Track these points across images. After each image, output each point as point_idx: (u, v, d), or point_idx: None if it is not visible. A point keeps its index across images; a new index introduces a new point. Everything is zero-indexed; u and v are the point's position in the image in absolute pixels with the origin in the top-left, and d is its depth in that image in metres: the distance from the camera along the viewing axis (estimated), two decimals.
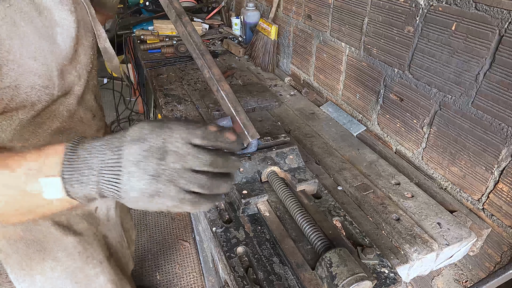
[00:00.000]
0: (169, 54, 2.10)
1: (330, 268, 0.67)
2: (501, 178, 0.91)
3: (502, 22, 0.81)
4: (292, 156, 1.00)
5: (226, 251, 0.81)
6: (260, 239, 0.84)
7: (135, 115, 3.47)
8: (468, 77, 0.92)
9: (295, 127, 1.39)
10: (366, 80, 1.33)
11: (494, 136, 0.90)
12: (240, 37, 2.26)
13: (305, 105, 1.58)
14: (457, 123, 0.99)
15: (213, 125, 0.52)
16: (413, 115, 1.14)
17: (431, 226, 0.93)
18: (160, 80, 1.77)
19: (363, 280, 0.65)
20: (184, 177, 0.49)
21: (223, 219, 0.91)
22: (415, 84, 1.10)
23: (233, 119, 0.87)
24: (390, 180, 1.09)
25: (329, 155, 1.21)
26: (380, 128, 1.32)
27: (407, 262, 0.85)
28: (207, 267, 1.77)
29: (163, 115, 1.51)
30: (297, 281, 0.74)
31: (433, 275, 1.19)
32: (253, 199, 0.89)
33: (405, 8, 1.07)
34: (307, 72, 1.76)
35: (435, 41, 0.99)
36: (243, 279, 0.74)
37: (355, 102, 1.43)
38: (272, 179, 0.94)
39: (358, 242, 0.83)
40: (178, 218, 2.38)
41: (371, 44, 1.25)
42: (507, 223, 0.92)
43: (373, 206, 0.98)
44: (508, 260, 0.95)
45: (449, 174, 1.07)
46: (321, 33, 1.55)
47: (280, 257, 0.79)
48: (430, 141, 1.10)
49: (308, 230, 0.77)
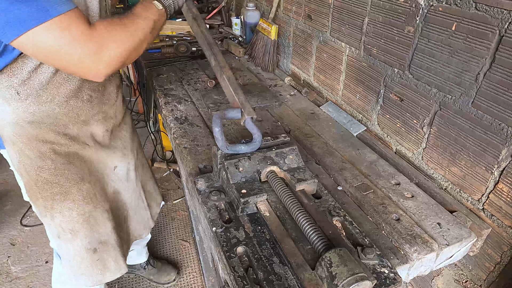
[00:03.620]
0: (169, 54, 2.10)
1: (330, 268, 0.67)
2: (501, 178, 0.91)
3: (502, 22, 0.81)
4: (292, 156, 1.00)
5: (226, 251, 0.81)
6: (260, 239, 0.84)
7: (135, 115, 3.47)
8: (468, 77, 0.92)
9: (295, 127, 1.39)
10: (366, 80, 1.33)
11: (494, 136, 0.90)
12: (240, 37, 2.26)
13: (305, 105, 1.58)
14: (457, 123, 0.99)
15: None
16: (413, 115, 1.14)
17: (431, 226, 0.93)
18: (160, 80, 1.77)
19: (363, 280, 0.65)
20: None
21: (223, 219, 0.91)
22: (415, 84, 1.10)
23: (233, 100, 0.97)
24: (390, 180, 1.09)
25: (329, 155, 1.21)
26: (380, 128, 1.32)
27: (407, 262, 0.85)
28: (207, 267, 1.77)
29: (163, 115, 1.51)
30: (297, 281, 0.74)
31: (433, 275, 1.19)
32: (252, 198, 0.89)
33: (405, 8, 1.07)
34: (307, 72, 1.76)
35: (435, 41, 0.99)
36: (243, 279, 0.74)
37: (355, 102, 1.43)
38: (271, 178, 0.94)
39: (358, 242, 0.82)
40: (178, 218, 2.38)
41: (371, 44, 1.25)
42: (507, 223, 0.92)
43: (373, 206, 0.98)
44: (508, 260, 0.95)
45: (449, 174, 1.07)
46: (321, 33, 1.55)
47: (280, 257, 0.79)
48: (430, 141, 1.10)
49: (308, 230, 0.77)
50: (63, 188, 1.11)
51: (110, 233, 1.26)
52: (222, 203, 0.96)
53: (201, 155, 1.21)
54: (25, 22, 0.73)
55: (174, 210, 2.45)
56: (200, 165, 1.15)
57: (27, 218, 2.36)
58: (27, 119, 0.99)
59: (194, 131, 1.35)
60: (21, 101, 0.96)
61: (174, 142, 1.34)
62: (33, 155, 1.04)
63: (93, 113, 1.11)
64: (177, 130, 1.35)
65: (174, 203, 2.51)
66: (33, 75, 0.93)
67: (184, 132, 1.34)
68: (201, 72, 1.88)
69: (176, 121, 1.41)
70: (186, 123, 1.40)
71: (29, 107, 0.98)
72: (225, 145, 0.95)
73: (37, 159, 1.05)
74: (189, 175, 1.12)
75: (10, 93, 0.94)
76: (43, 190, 1.09)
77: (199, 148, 1.25)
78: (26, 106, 0.97)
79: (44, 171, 1.07)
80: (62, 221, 1.15)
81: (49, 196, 1.10)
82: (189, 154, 1.22)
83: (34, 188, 1.09)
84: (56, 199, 1.11)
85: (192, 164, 1.16)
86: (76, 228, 1.17)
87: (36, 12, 0.73)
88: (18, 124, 0.99)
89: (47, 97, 0.98)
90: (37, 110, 0.99)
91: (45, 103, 0.99)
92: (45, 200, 1.10)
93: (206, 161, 1.17)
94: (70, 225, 1.16)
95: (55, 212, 1.13)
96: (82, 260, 1.22)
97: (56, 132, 1.06)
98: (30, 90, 0.95)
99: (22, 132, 1.01)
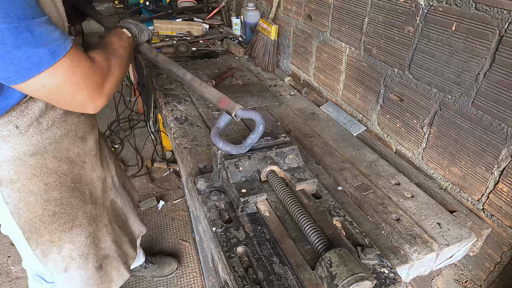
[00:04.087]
0: (169, 54, 2.10)
1: (330, 268, 0.67)
2: (501, 178, 0.91)
3: (502, 22, 0.81)
4: (292, 156, 1.00)
5: (226, 251, 0.81)
6: (260, 239, 0.84)
7: (135, 115, 3.47)
8: (468, 77, 0.92)
9: (295, 127, 1.39)
10: (366, 80, 1.33)
11: (494, 136, 0.90)
12: (240, 37, 2.26)
13: (305, 105, 1.58)
14: (457, 123, 0.99)
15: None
16: (413, 115, 1.14)
17: (431, 226, 0.93)
18: (160, 80, 1.77)
19: (363, 280, 0.65)
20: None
21: (223, 219, 0.91)
22: (415, 84, 1.10)
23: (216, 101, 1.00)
24: (390, 180, 1.09)
25: (329, 155, 1.21)
26: (380, 128, 1.32)
27: (407, 262, 0.85)
28: (207, 267, 1.77)
29: (163, 115, 1.51)
30: (297, 281, 0.74)
31: (433, 275, 1.19)
32: (252, 197, 0.89)
33: (405, 8, 1.07)
34: (307, 72, 1.76)
35: (435, 41, 0.99)
36: (243, 279, 0.74)
37: (355, 102, 1.43)
38: (271, 178, 0.94)
39: (358, 242, 0.82)
40: (178, 218, 2.38)
41: (371, 44, 1.25)
42: (507, 223, 0.92)
43: (373, 206, 0.98)
44: (508, 260, 0.95)
45: (449, 174, 1.07)
46: (321, 33, 1.55)
47: (280, 257, 0.79)
48: (430, 141, 1.10)
49: (308, 230, 0.77)
50: (70, 216, 1.07)
51: (110, 246, 1.26)
52: (222, 203, 0.96)
53: (201, 155, 1.21)
54: (34, 66, 0.69)
55: (174, 210, 2.45)
56: (200, 165, 1.15)
57: None
58: (29, 152, 0.92)
59: (194, 131, 1.35)
60: (22, 134, 0.88)
61: (174, 142, 1.34)
62: (38, 189, 0.98)
63: (86, 125, 1.08)
64: (177, 130, 1.35)
65: (174, 203, 2.51)
66: (30, 103, 0.86)
67: (184, 132, 1.34)
68: (201, 72, 1.88)
69: (176, 121, 1.41)
70: (186, 123, 1.40)
71: (31, 139, 0.90)
72: (238, 148, 0.95)
73: (42, 193, 0.99)
74: (189, 175, 1.12)
75: (8, 129, 0.86)
76: (50, 223, 1.03)
77: (199, 148, 1.25)
78: (28, 139, 0.90)
79: (51, 203, 1.02)
80: (73, 250, 1.11)
81: (57, 228, 1.05)
82: (189, 154, 1.22)
83: (38, 225, 1.02)
84: (64, 230, 1.07)
85: (192, 164, 1.16)
86: (86, 251, 1.15)
87: (46, 55, 0.69)
88: (18, 159, 0.92)
89: (47, 122, 0.92)
90: (39, 140, 0.92)
91: (46, 130, 0.93)
92: (52, 234, 1.05)
93: (206, 161, 1.17)
94: (80, 250, 1.13)
95: (64, 242, 1.08)
96: (94, 282, 1.21)
97: (58, 158, 1.00)
98: (30, 120, 0.87)
99: (24, 167, 0.94)
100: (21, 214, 0.98)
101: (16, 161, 0.91)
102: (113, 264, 1.28)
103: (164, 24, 2.29)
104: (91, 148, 1.13)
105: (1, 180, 0.93)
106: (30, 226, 1.01)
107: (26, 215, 0.99)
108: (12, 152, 0.89)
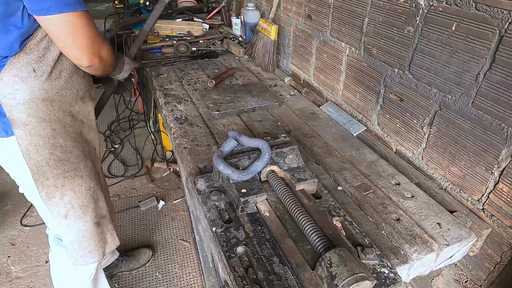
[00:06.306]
0: (169, 54, 2.10)
1: (330, 268, 0.67)
2: (501, 178, 0.91)
3: (502, 22, 0.81)
4: (292, 156, 1.00)
5: (226, 251, 0.81)
6: (260, 239, 0.84)
7: (135, 115, 3.47)
8: (468, 77, 0.92)
9: (295, 127, 1.39)
10: (366, 80, 1.33)
11: (494, 136, 0.90)
12: (240, 37, 2.26)
13: (305, 105, 1.58)
14: (457, 123, 0.99)
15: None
16: (413, 115, 1.14)
17: (431, 226, 0.93)
18: (160, 80, 1.77)
19: (363, 280, 0.65)
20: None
21: (223, 219, 0.91)
22: (415, 84, 1.10)
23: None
24: (390, 180, 1.09)
25: (329, 155, 1.21)
26: (380, 128, 1.32)
27: (407, 262, 0.85)
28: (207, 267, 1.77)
29: (163, 115, 1.51)
30: (297, 281, 0.74)
31: (433, 275, 1.19)
32: (252, 197, 0.89)
33: (405, 8, 1.07)
34: (307, 72, 1.76)
35: (435, 41, 0.99)
36: (243, 279, 0.74)
37: (355, 102, 1.43)
38: (271, 178, 0.94)
39: (358, 242, 0.82)
40: (178, 218, 2.38)
41: (371, 44, 1.25)
42: (507, 223, 0.92)
43: (373, 206, 0.98)
44: (508, 260, 0.95)
45: (449, 174, 1.07)
46: (321, 33, 1.55)
47: (280, 257, 0.79)
48: (430, 141, 1.10)
49: (308, 230, 0.77)
50: (73, 165, 1.17)
51: (105, 208, 1.32)
52: (222, 203, 0.96)
53: (201, 155, 1.21)
54: (72, 5, 0.93)
55: (174, 210, 2.45)
56: (200, 165, 1.15)
57: (27, 218, 2.36)
58: (41, 96, 1.05)
59: (194, 131, 1.35)
60: (37, 78, 1.02)
61: (174, 142, 1.34)
62: (46, 134, 1.09)
63: (86, 90, 1.21)
64: (177, 130, 1.35)
65: (174, 203, 2.51)
66: (46, 52, 1.02)
67: (184, 132, 1.34)
68: (201, 72, 1.88)
69: (176, 121, 1.41)
70: (186, 123, 1.40)
71: (43, 84, 1.04)
72: (239, 174, 0.92)
73: (50, 137, 1.10)
74: (189, 175, 1.12)
75: (27, 71, 1.00)
76: (56, 168, 1.13)
77: (199, 148, 1.25)
78: (41, 83, 1.04)
79: (57, 149, 1.12)
80: (73, 198, 1.19)
81: (61, 174, 1.14)
82: (189, 154, 1.22)
83: (45, 168, 1.12)
84: (67, 177, 1.16)
85: (192, 164, 1.16)
86: (85, 203, 1.22)
87: (79, 2, 0.95)
88: (32, 102, 1.04)
89: (56, 73, 1.07)
90: (49, 87, 1.06)
91: (54, 80, 1.07)
92: (57, 179, 1.14)
93: (206, 161, 1.17)
94: (80, 201, 1.20)
95: (66, 189, 1.17)
96: (91, 236, 1.27)
97: (63, 110, 1.12)
98: (45, 66, 1.03)
99: (36, 111, 1.05)
100: (31, 156, 1.09)
101: (30, 103, 1.04)
102: (108, 227, 1.34)
103: (164, 24, 2.29)
104: (89, 112, 1.25)
105: (16, 122, 1.05)
106: (38, 168, 1.11)
107: (35, 157, 1.10)
108: (26, 94, 1.03)
